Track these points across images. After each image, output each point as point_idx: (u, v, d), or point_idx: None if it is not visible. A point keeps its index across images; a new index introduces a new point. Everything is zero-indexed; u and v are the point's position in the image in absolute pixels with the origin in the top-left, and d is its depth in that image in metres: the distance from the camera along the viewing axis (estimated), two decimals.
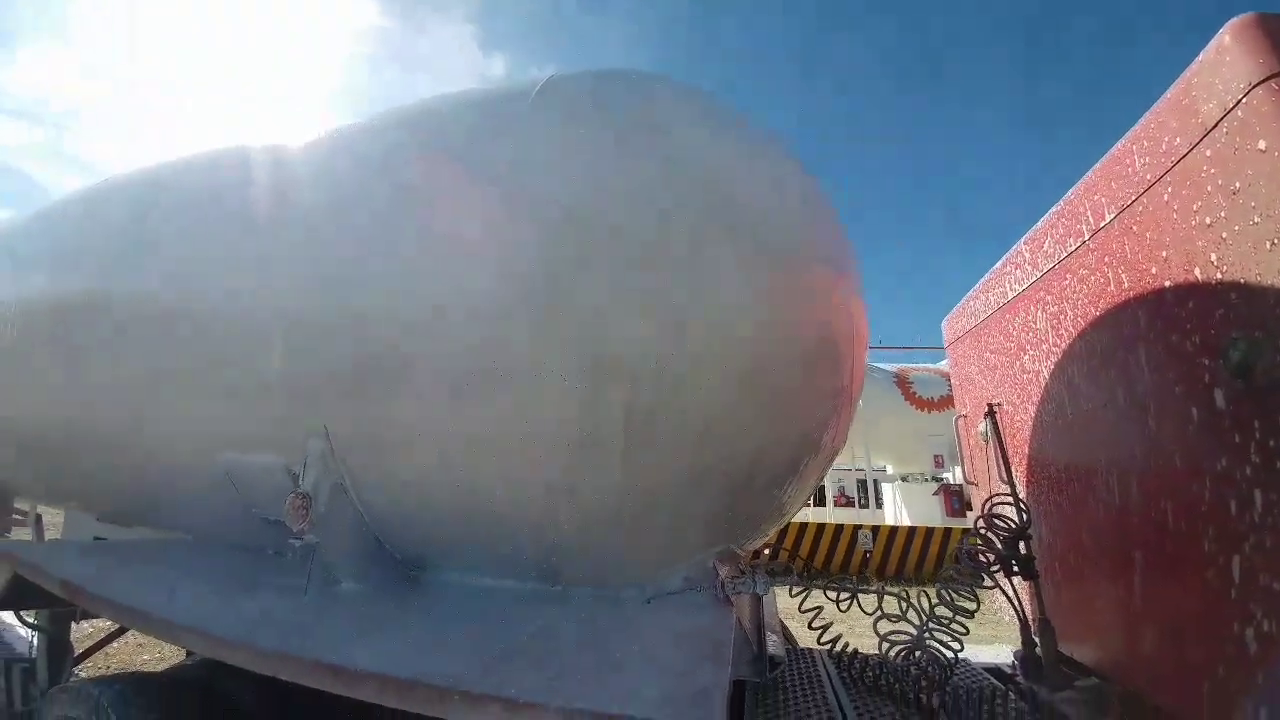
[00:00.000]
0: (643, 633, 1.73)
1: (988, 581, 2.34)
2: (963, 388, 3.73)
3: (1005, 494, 2.60)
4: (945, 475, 13.83)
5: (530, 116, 1.90)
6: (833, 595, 2.41)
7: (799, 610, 2.48)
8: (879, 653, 2.24)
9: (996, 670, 2.45)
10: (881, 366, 14.59)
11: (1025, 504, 2.48)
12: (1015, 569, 2.34)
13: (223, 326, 2.28)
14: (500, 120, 1.98)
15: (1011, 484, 2.67)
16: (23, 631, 4.25)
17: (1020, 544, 2.35)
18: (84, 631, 4.05)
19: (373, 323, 1.94)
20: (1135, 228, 2.02)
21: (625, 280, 1.69)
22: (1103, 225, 2.21)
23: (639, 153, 1.81)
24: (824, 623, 2.40)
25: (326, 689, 1.47)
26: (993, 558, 2.37)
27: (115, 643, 4.21)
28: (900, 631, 2.17)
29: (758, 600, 2.36)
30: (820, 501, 17.40)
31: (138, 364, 2.55)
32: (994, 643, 4.47)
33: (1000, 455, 2.80)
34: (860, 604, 2.35)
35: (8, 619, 4.87)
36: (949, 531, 10.53)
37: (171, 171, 2.91)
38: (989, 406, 3.08)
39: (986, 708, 1.93)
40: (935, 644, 2.12)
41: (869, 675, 2.24)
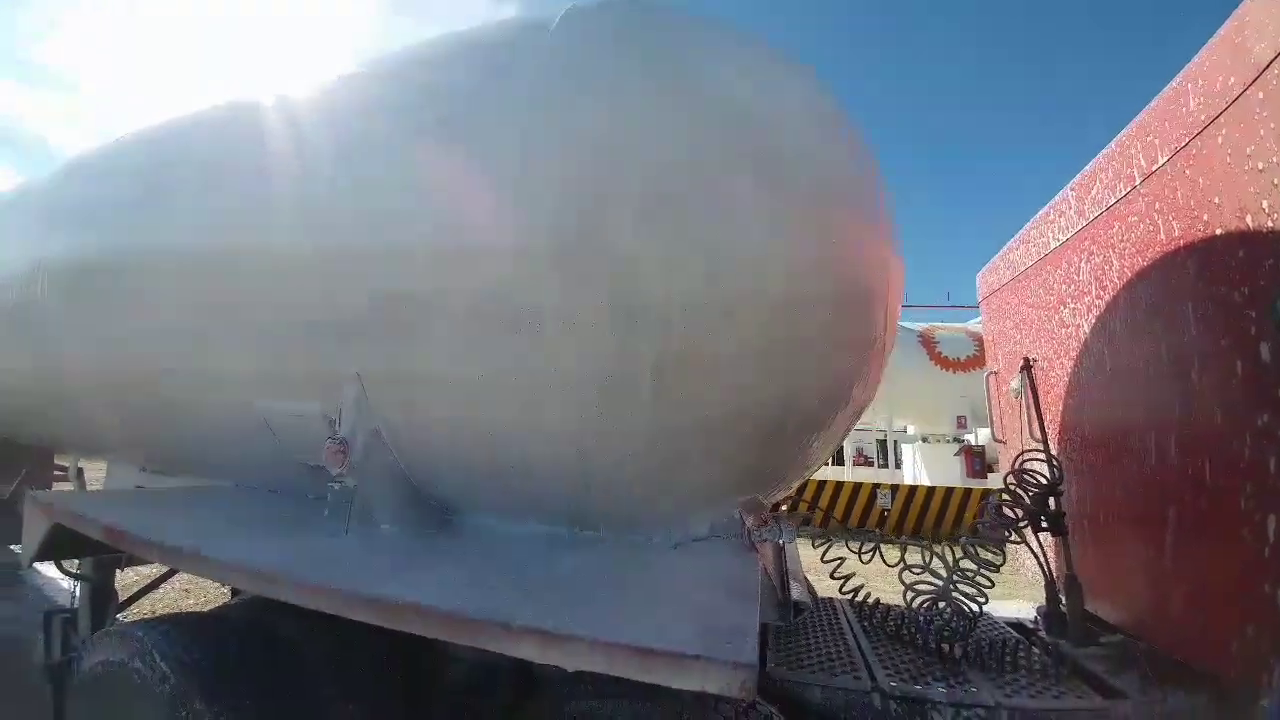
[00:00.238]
0: (673, 575, 1.77)
1: (1013, 537, 2.34)
2: (996, 343, 3.66)
3: (1037, 449, 2.57)
4: (968, 436, 13.72)
5: (551, 48, 1.85)
6: (855, 546, 2.43)
7: (821, 560, 2.51)
8: (901, 604, 2.26)
9: (1018, 625, 2.47)
10: (906, 325, 14.37)
11: (1058, 459, 2.45)
12: (1044, 524, 2.33)
13: (254, 270, 2.30)
14: (519, 54, 1.93)
15: (1045, 439, 2.63)
16: (65, 584, 4.24)
17: (1051, 500, 2.34)
18: (127, 579, 3.89)
19: (400, 263, 1.93)
20: (1189, 172, 1.91)
21: (655, 218, 1.65)
22: (1155, 169, 2.10)
23: (668, 88, 1.75)
24: (846, 573, 2.43)
25: (368, 620, 1.50)
26: (1021, 513, 2.36)
27: (159, 589, 4.09)
28: (925, 582, 2.19)
29: (780, 550, 2.39)
30: (839, 461, 17.46)
31: (171, 314, 2.60)
32: (1011, 599, 4.49)
33: (1036, 410, 2.76)
34: (883, 555, 2.37)
35: (50, 573, 4.92)
36: (969, 492, 10.53)
37: (194, 122, 2.90)
38: (1025, 360, 3.02)
39: (1009, 659, 1.95)
40: (959, 595, 2.14)
41: (890, 624, 2.27)
